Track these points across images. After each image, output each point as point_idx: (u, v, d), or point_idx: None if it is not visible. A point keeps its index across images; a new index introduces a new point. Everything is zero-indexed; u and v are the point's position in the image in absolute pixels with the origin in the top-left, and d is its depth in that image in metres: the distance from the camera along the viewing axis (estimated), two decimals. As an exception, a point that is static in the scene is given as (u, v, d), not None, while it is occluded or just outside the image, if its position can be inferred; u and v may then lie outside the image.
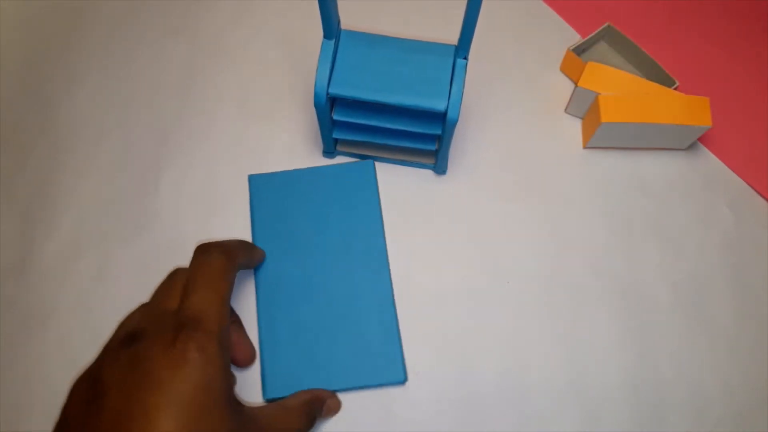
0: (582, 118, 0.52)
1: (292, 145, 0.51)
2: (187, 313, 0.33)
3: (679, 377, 0.44)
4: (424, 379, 0.44)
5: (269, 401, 0.42)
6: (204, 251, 0.36)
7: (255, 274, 0.45)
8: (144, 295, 0.46)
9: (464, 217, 0.48)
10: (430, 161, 0.49)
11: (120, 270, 0.47)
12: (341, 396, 0.43)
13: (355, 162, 0.49)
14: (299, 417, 0.37)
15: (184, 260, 0.47)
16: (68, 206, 0.49)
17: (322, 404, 0.40)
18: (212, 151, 0.51)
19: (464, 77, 0.40)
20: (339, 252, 0.45)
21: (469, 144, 0.51)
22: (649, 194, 0.49)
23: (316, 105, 0.41)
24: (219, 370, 0.31)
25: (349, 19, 0.44)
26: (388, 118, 0.43)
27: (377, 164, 0.49)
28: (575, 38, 0.55)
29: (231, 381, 0.33)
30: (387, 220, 0.48)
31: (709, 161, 0.51)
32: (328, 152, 0.49)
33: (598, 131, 0.48)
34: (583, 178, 0.50)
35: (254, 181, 0.48)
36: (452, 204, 0.49)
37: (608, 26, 0.52)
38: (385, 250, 0.46)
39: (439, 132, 0.43)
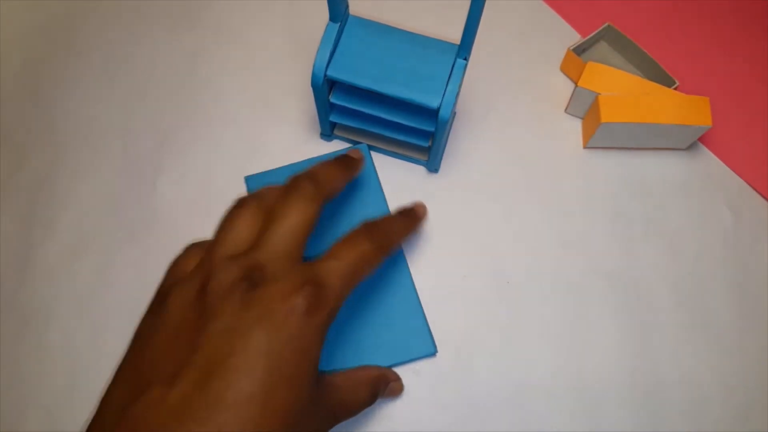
0: (582, 118, 0.52)
1: (294, 138, 0.51)
2: (318, 271, 0.32)
3: (679, 377, 0.44)
4: (424, 378, 0.44)
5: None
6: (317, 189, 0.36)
7: None
8: (144, 295, 0.46)
9: (462, 216, 0.48)
10: (423, 157, 0.49)
11: (120, 270, 0.47)
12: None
13: (348, 147, 0.49)
14: (365, 391, 0.38)
15: (184, 260, 0.47)
16: (68, 206, 0.49)
17: (386, 384, 0.41)
18: (212, 149, 0.51)
19: (462, 77, 0.40)
20: None
21: (467, 143, 0.51)
22: (649, 194, 0.49)
23: (313, 85, 0.41)
24: (320, 341, 0.31)
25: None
26: (384, 109, 0.43)
27: (372, 153, 0.49)
28: (575, 38, 0.55)
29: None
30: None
31: (709, 161, 0.51)
32: (325, 135, 0.50)
33: (598, 131, 0.48)
34: (583, 178, 0.50)
35: (250, 182, 0.48)
36: (449, 202, 0.49)
37: (608, 26, 0.52)
38: None
39: (432, 129, 0.43)
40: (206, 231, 0.48)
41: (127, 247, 0.48)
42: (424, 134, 0.45)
